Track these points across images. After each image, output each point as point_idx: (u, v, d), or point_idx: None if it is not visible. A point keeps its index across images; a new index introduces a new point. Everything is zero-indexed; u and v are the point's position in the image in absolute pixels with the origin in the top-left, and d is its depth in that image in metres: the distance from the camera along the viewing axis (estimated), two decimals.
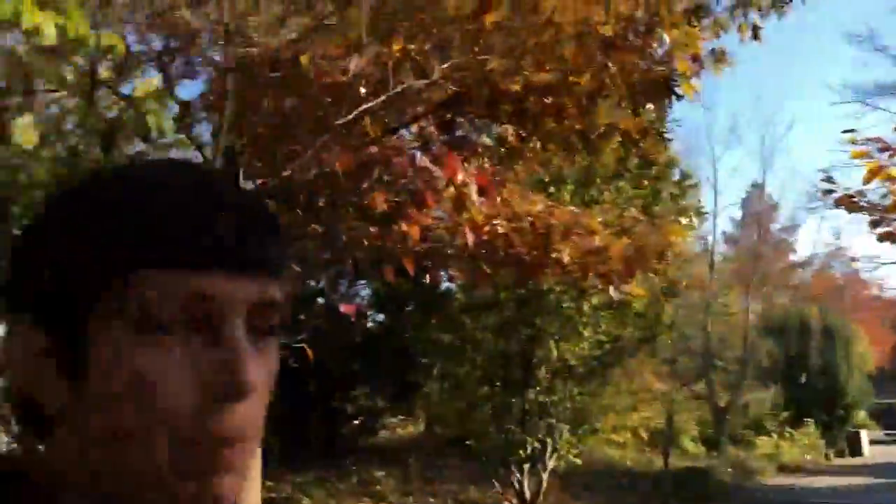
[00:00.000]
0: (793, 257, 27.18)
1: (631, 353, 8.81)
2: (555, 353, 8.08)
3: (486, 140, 4.54)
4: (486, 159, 4.43)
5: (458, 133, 4.21)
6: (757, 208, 25.25)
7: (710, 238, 22.05)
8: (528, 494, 8.32)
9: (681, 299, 20.50)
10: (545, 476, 8.38)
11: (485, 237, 4.76)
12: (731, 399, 21.33)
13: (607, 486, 13.67)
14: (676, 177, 8.20)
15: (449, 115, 4.02)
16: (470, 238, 3.36)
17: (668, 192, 8.02)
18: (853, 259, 26.44)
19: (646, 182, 7.97)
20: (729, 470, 17.14)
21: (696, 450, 19.28)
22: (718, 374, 21.51)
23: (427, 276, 5.55)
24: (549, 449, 8.41)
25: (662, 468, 15.46)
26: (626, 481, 14.14)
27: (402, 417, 16.14)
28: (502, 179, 4.36)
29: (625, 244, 5.48)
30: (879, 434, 26.93)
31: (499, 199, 4.56)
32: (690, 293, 21.17)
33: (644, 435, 17.38)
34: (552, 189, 7.31)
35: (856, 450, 23.12)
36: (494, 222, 4.84)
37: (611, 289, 6.65)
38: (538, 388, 8.23)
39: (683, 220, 7.41)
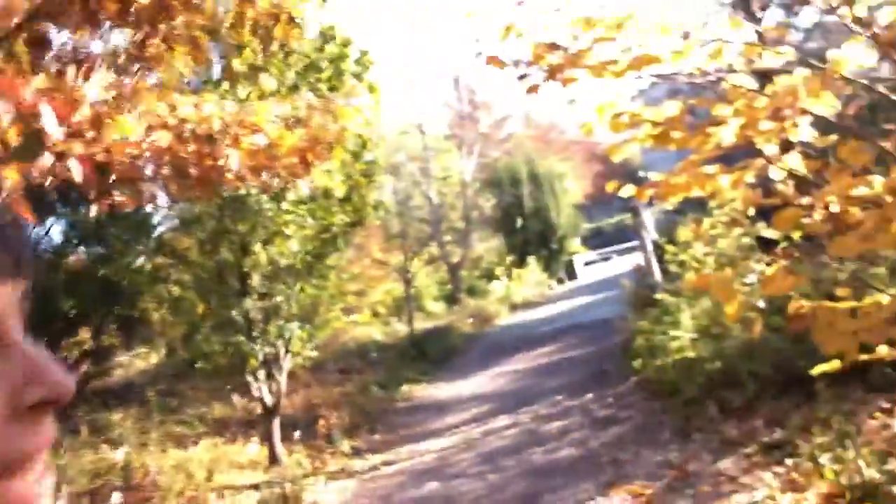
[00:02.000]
0: (497, 115, 28.89)
1: (345, 239, 8.80)
2: (263, 256, 7.86)
3: (97, 49, 3.99)
4: (110, 70, 3.92)
5: (61, 48, 3.64)
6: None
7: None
8: (269, 400, 8.26)
9: (395, 176, 21.12)
10: (282, 378, 8.34)
11: (144, 154, 4.33)
12: (462, 255, 22.74)
13: (359, 363, 14.12)
14: (356, 55, 8.03)
15: (41, 28, 3.46)
16: (77, 171, 2.96)
17: (349, 74, 7.87)
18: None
19: (324, 65, 7.73)
20: (469, 321, 18.40)
21: (439, 309, 20.41)
22: (447, 234, 22.73)
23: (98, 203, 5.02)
24: (283, 351, 8.34)
25: (409, 334, 16.22)
26: (377, 354, 14.67)
27: (139, 351, 15.23)
28: (136, 88, 3.89)
29: (299, 136, 5.29)
30: (593, 255, 30.27)
31: (139, 110, 4.11)
32: (405, 166, 21.83)
33: (384, 309, 18.05)
34: (225, 87, 6.84)
35: (572, 275, 25.97)
36: (151, 138, 4.41)
37: (299, 183, 6.52)
38: (255, 297, 8.03)
39: (357, 100, 7.33)
